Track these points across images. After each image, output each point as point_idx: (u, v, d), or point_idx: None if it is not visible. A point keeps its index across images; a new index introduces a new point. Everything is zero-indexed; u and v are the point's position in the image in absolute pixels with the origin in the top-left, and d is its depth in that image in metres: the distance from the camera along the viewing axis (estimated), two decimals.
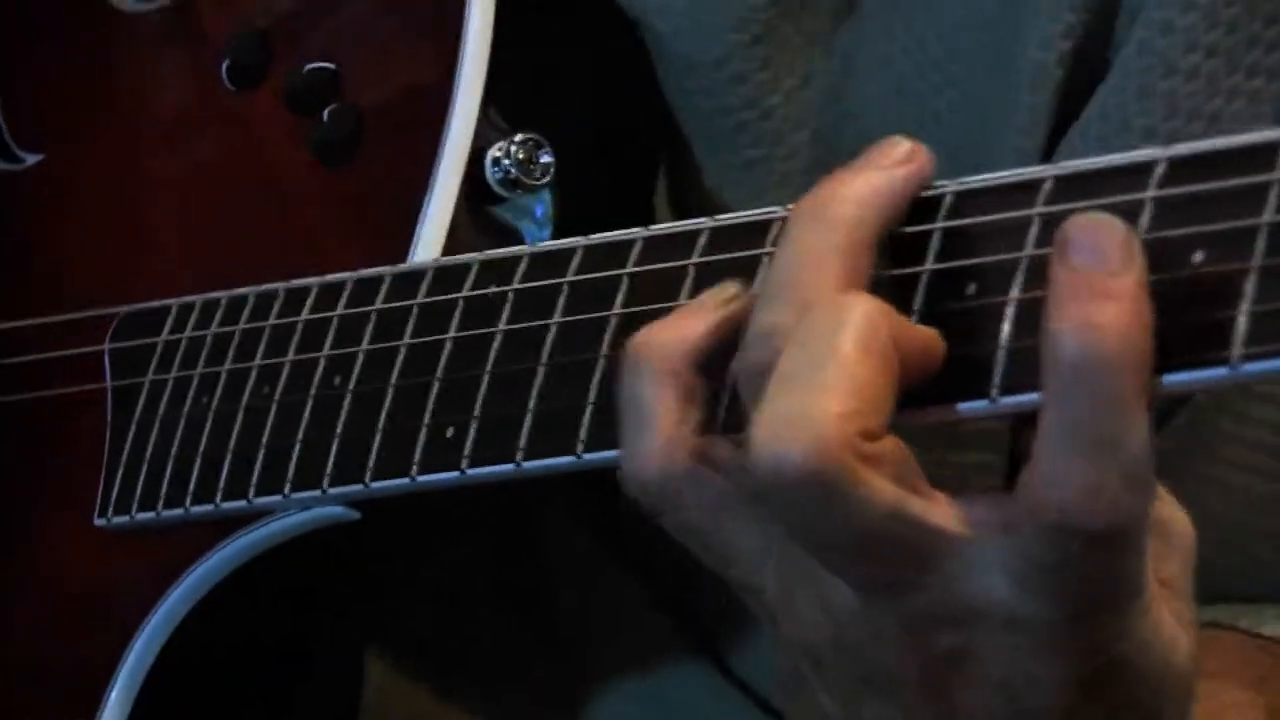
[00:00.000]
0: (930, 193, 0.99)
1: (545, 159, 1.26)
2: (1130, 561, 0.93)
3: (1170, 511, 0.98)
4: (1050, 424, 0.90)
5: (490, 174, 1.26)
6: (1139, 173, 0.92)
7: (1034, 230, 0.94)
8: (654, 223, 1.28)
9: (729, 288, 1.02)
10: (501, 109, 1.27)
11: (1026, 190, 0.96)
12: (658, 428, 1.00)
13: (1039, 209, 0.95)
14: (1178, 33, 1.17)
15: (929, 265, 0.97)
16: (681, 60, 1.29)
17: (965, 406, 0.96)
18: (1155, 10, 1.17)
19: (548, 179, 1.26)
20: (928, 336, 0.96)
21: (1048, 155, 1.23)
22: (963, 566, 0.94)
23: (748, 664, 1.39)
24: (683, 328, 1.01)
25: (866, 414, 0.92)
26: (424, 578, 1.39)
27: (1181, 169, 0.91)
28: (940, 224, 0.98)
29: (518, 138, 1.26)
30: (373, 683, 1.42)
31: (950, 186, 0.98)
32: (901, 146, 0.98)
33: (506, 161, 1.26)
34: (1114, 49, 1.21)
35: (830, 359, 0.93)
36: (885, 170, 0.98)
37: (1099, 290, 0.88)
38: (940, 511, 0.94)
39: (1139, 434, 0.89)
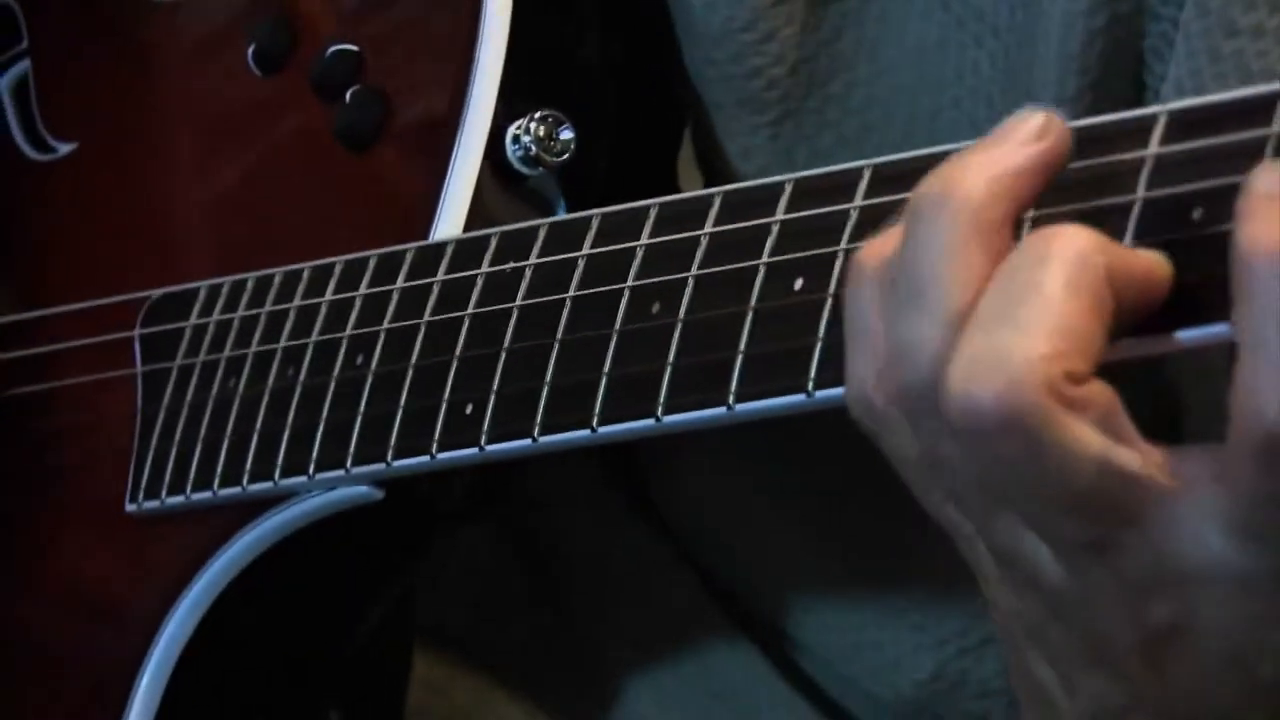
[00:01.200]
0: (1139, 114, 0.93)
1: (565, 135, 1.24)
2: None
3: None
4: (1250, 335, 0.85)
5: (511, 151, 1.24)
6: None
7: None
8: (676, 192, 1.28)
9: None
10: (521, 87, 1.25)
11: (1258, 111, 0.89)
12: (876, 344, 0.94)
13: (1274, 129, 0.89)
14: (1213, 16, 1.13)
15: (1141, 193, 0.92)
16: (713, 29, 1.27)
17: (1186, 334, 0.90)
18: None
19: (568, 155, 1.24)
20: (1150, 263, 0.90)
21: (1083, 107, 1.19)
22: (1174, 523, 0.89)
23: (808, 637, 1.37)
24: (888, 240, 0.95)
25: (1071, 355, 0.87)
26: (454, 570, 1.38)
27: None
28: (1154, 150, 0.92)
29: (537, 114, 1.24)
30: (417, 676, 1.42)
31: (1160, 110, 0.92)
32: (1034, 121, 0.92)
33: (526, 139, 1.24)
34: (1152, 6, 1.17)
35: (1033, 295, 0.88)
36: (1016, 148, 0.92)
37: None
38: (1150, 462, 0.88)
39: None
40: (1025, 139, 0.92)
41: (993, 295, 0.89)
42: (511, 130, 1.24)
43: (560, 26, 1.27)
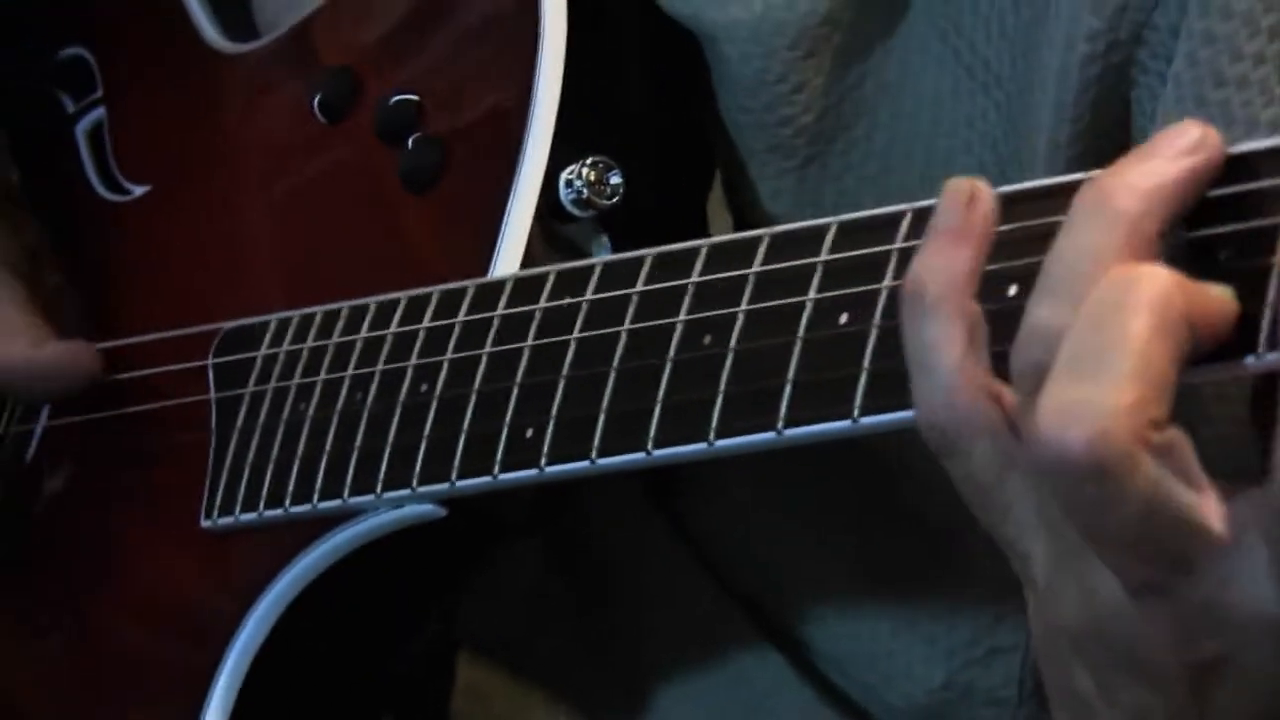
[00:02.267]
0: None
1: (614, 180, 1.25)
2: None
3: None
4: None
5: (564, 195, 1.25)
6: None
7: None
8: (708, 232, 1.28)
9: (981, 202, 0.96)
10: (572, 134, 1.25)
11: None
12: (944, 361, 0.94)
13: None
14: (1220, 41, 1.13)
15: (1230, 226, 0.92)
16: (747, 80, 1.27)
17: (1250, 361, 0.90)
18: (1197, 21, 1.14)
19: (617, 198, 1.25)
20: (1221, 300, 0.89)
21: (1081, 155, 1.20)
22: (1229, 575, 0.89)
23: (827, 646, 1.38)
24: (954, 258, 0.95)
25: (1153, 401, 0.87)
26: (496, 579, 1.37)
27: None
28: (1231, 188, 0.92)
29: (589, 160, 1.25)
30: (459, 684, 1.42)
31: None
32: (1190, 134, 0.91)
33: (578, 183, 1.25)
34: (1141, 59, 1.18)
35: (1122, 343, 0.87)
36: (1172, 160, 0.91)
37: None
38: (1206, 509, 0.88)
39: None
40: (1181, 151, 0.91)
41: (1084, 336, 0.89)
42: (564, 175, 1.25)
43: (609, 78, 1.28)
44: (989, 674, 1.33)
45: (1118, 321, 0.87)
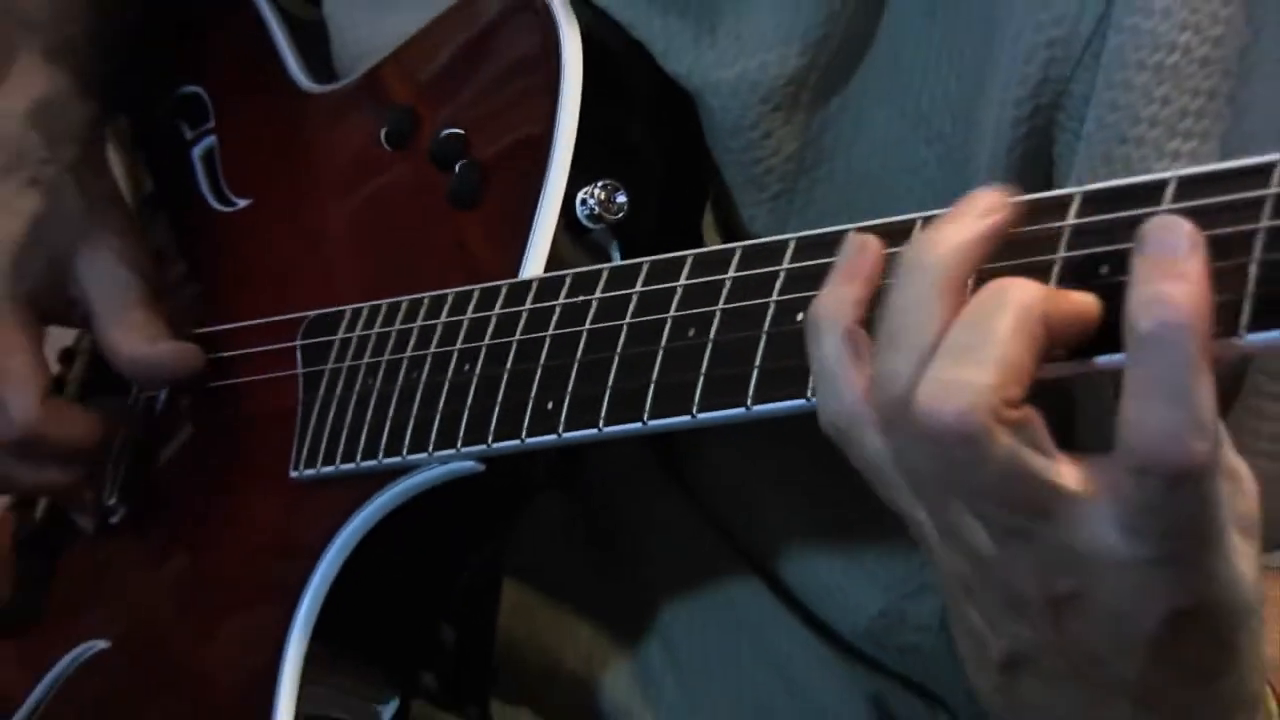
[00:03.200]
0: (1059, 193, 0.95)
1: (621, 199, 1.25)
2: (1208, 506, 0.88)
3: (1236, 461, 0.93)
4: (1131, 380, 0.86)
5: (579, 211, 1.25)
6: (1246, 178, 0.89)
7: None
8: (702, 245, 1.27)
9: (859, 239, 0.98)
10: (587, 162, 1.25)
11: (1151, 192, 0.92)
12: (845, 376, 0.95)
13: (1165, 207, 0.91)
14: (1122, 108, 1.13)
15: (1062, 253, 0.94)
16: (726, 126, 1.26)
17: (1103, 360, 0.91)
18: (1104, 91, 1.14)
19: (623, 214, 1.24)
20: (1082, 303, 0.91)
21: None
22: (1077, 521, 0.90)
23: (794, 578, 1.37)
24: (844, 292, 0.96)
25: (1011, 385, 0.88)
26: (534, 522, 1.37)
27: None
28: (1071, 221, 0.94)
29: (600, 182, 1.24)
30: (505, 604, 1.41)
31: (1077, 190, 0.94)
32: (987, 199, 0.94)
33: (591, 201, 1.24)
34: (1060, 121, 1.17)
35: (988, 337, 0.89)
36: (975, 220, 0.93)
37: (1170, 272, 0.86)
38: (1061, 471, 0.90)
39: (1205, 387, 0.85)
40: (980, 213, 0.93)
41: (959, 332, 0.90)
42: (580, 195, 1.24)
43: (618, 117, 1.27)
44: (919, 606, 1.33)
45: (986, 321, 0.89)
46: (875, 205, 1.23)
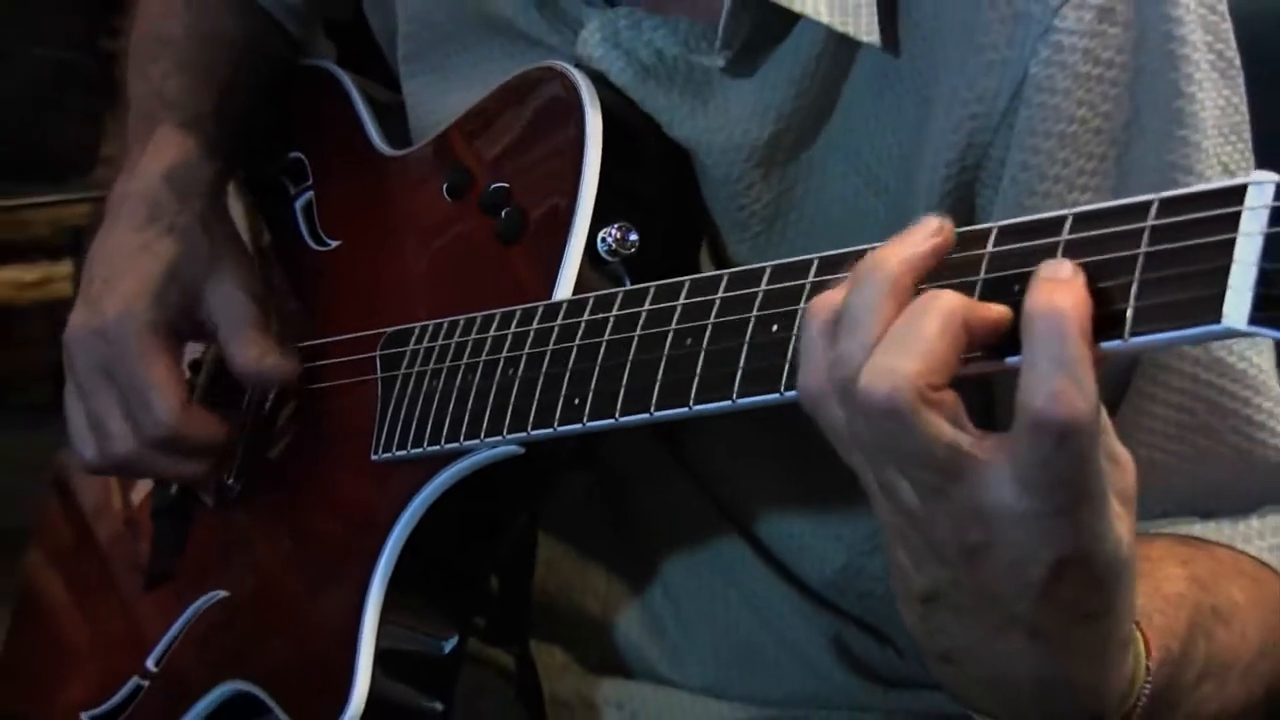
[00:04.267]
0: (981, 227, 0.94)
1: (633, 237, 1.24)
2: (1088, 464, 0.88)
3: (1119, 448, 0.93)
4: (1026, 356, 0.87)
5: (600, 246, 1.23)
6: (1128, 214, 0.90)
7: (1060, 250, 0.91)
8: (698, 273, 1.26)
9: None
10: (606, 206, 1.24)
11: (1053, 226, 0.92)
12: (816, 358, 0.94)
13: (1063, 236, 0.91)
14: (1032, 169, 1.14)
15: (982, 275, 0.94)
16: (717, 178, 1.25)
17: (1011, 359, 0.90)
18: (1017, 154, 1.14)
19: (634, 250, 1.23)
20: (998, 313, 0.91)
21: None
22: (983, 481, 0.89)
23: (772, 537, 1.36)
24: (830, 297, 0.95)
25: (935, 372, 0.88)
26: (564, 491, 1.37)
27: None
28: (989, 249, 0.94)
29: (616, 224, 1.23)
30: (539, 556, 1.40)
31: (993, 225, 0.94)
32: (932, 224, 0.93)
33: (610, 239, 1.23)
34: (981, 178, 1.17)
35: (918, 333, 0.89)
36: (922, 241, 0.93)
37: (1054, 279, 0.87)
38: (971, 441, 0.89)
39: (1084, 360, 0.86)
40: (926, 235, 0.93)
41: (896, 328, 0.90)
42: (600, 234, 1.23)
43: (631, 171, 1.26)
44: (874, 561, 1.32)
45: (919, 320, 0.89)
46: (836, 244, 1.21)
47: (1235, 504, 1.17)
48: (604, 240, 1.23)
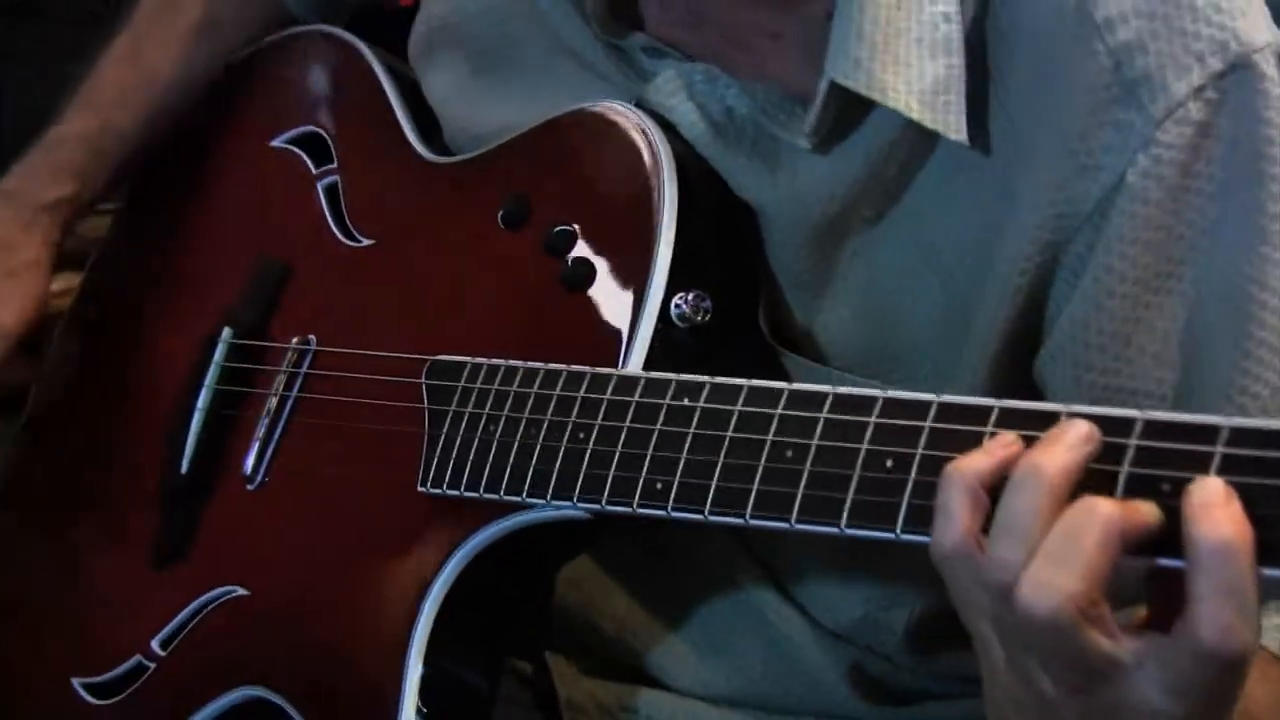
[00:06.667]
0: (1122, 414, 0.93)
1: (706, 304, 1.21)
2: (1242, 677, 0.89)
3: None
4: (1201, 587, 0.86)
5: (674, 312, 1.20)
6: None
7: (1215, 462, 0.89)
8: (758, 333, 1.23)
9: (1009, 435, 0.95)
10: (682, 272, 1.21)
11: (1208, 432, 0.90)
12: (959, 521, 0.93)
13: (1219, 448, 0.90)
14: (1114, 273, 1.15)
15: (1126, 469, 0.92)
16: (779, 240, 1.24)
17: (1163, 561, 0.90)
18: (1103, 257, 1.14)
19: (709, 317, 1.20)
20: (1149, 517, 0.90)
21: (1006, 329, 1.19)
22: (1132, 684, 0.90)
23: (795, 584, 1.36)
24: (979, 460, 0.94)
25: (1094, 589, 0.88)
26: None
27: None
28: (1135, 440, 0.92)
29: (691, 292, 1.20)
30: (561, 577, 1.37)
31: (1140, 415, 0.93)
32: (1082, 429, 0.92)
33: (684, 306, 1.20)
34: (1062, 263, 1.16)
35: (1079, 550, 0.88)
36: (1074, 449, 0.91)
37: (1218, 511, 0.86)
38: (1126, 651, 0.89)
39: (1253, 594, 0.86)
40: (1080, 442, 0.91)
41: (1056, 541, 0.89)
42: (674, 300, 1.20)
43: (704, 232, 1.22)
44: (888, 615, 1.33)
45: (1078, 534, 0.88)
46: (887, 313, 1.23)
47: None
48: (678, 305, 1.20)
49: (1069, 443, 0.91)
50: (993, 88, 1.16)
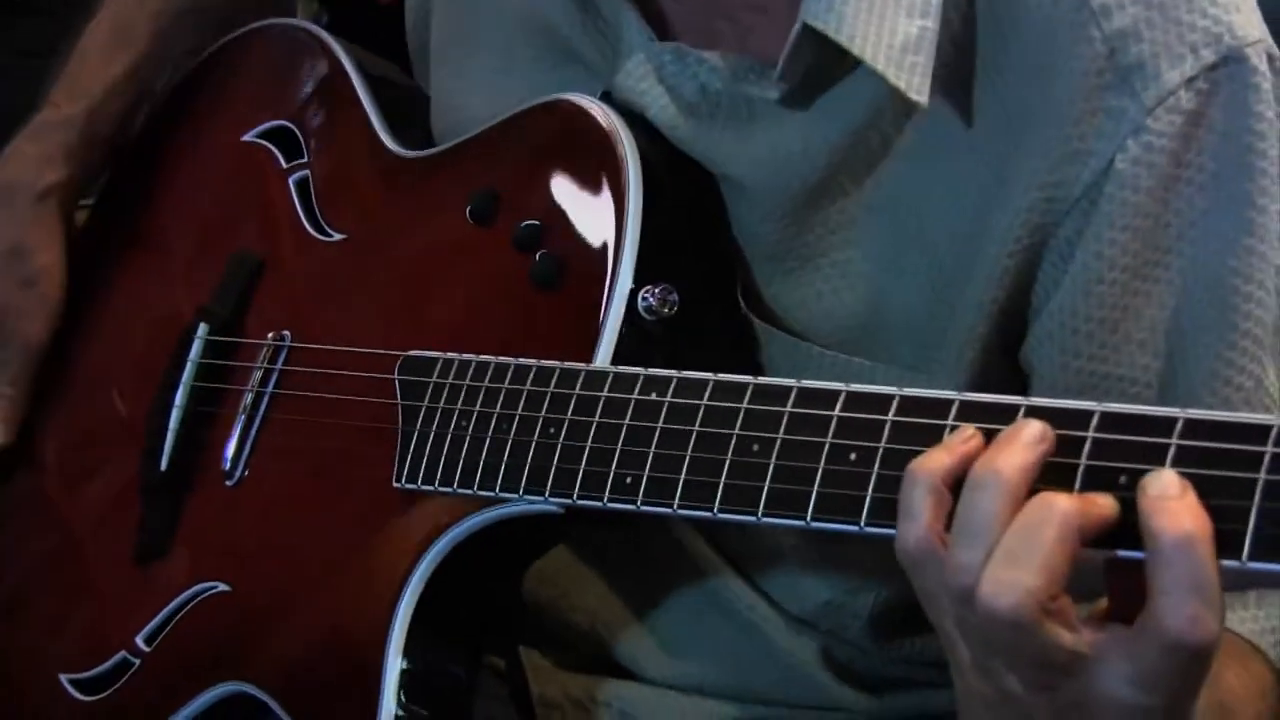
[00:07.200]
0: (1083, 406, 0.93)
1: (674, 298, 1.21)
2: (1208, 666, 0.90)
3: None
4: (1161, 579, 0.87)
5: (640, 305, 1.21)
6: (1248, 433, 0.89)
7: (1170, 453, 0.90)
8: (740, 315, 1.24)
9: (968, 429, 0.96)
10: (647, 266, 1.21)
11: (1163, 424, 0.91)
12: (922, 520, 0.94)
13: (1174, 440, 0.90)
14: (1104, 259, 1.16)
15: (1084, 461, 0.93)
16: (757, 214, 1.24)
17: (1122, 553, 0.91)
18: (1092, 244, 1.15)
19: (674, 311, 1.20)
20: (1107, 510, 0.90)
21: (996, 302, 1.20)
22: (1097, 676, 0.90)
23: (759, 570, 1.36)
24: (940, 458, 0.94)
25: (1054, 584, 0.89)
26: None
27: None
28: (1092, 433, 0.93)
29: (658, 285, 1.21)
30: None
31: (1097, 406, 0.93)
32: (1034, 428, 0.92)
33: (650, 299, 1.21)
34: (1050, 246, 1.17)
35: (1038, 546, 0.88)
36: (1030, 448, 0.92)
37: (1174, 504, 0.87)
38: (1088, 643, 0.90)
39: (1216, 584, 0.87)
40: (1035, 440, 0.92)
41: (1014, 538, 0.90)
42: (641, 293, 1.20)
43: (669, 221, 1.23)
44: (853, 600, 1.33)
45: (1036, 530, 0.89)
46: (870, 293, 1.23)
47: None
48: (644, 299, 1.20)
49: (1025, 441, 0.92)
50: (983, 70, 1.16)
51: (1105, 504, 0.91)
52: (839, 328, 1.24)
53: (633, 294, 1.19)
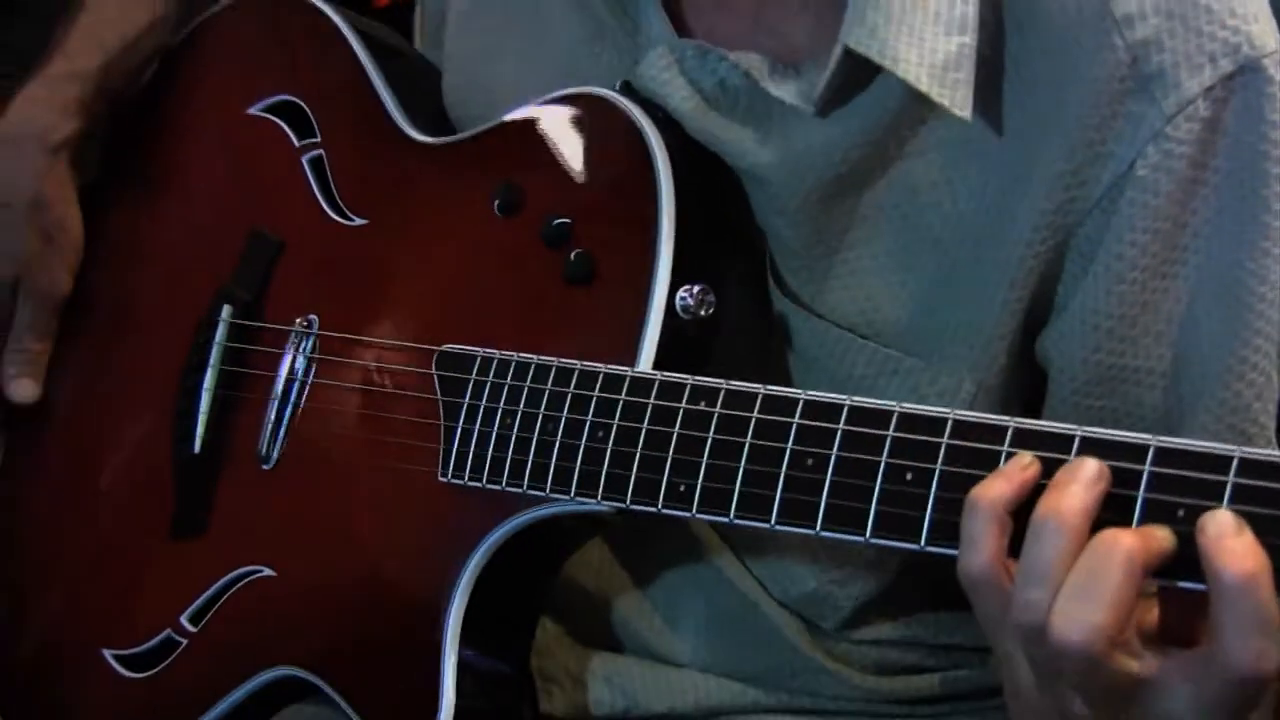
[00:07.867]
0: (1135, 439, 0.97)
1: (710, 298, 1.23)
2: (1268, 692, 0.94)
3: None
4: (1227, 616, 0.91)
5: (679, 305, 1.22)
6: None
7: (1228, 491, 0.94)
8: (769, 304, 1.26)
9: (1025, 457, 0.99)
10: (684, 267, 1.22)
11: (1220, 463, 0.94)
12: (985, 549, 0.98)
13: (1230, 478, 0.94)
14: (1125, 260, 1.18)
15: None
16: (776, 206, 1.25)
17: (1183, 583, 0.95)
18: (1114, 245, 1.18)
19: (712, 310, 1.22)
20: (1165, 544, 0.94)
21: (1022, 299, 1.22)
22: (1161, 699, 0.94)
23: (752, 552, 1.39)
24: (1000, 487, 0.98)
25: (1122, 620, 0.93)
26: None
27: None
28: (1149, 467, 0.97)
29: (697, 285, 1.22)
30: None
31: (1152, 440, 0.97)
32: (1092, 468, 0.96)
33: (689, 299, 1.22)
34: (1072, 246, 1.20)
35: (1105, 586, 0.92)
36: (1090, 488, 0.96)
37: (1233, 543, 0.90)
38: (1149, 667, 0.94)
39: (1276, 615, 0.90)
40: (1094, 480, 0.96)
41: (1081, 576, 0.94)
42: (679, 294, 1.22)
43: (702, 218, 1.24)
44: (840, 589, 1.36)
45: (1103, 569, 0.93)
46: (883, 289, 1.25)
47: None
48: (683, 299, 1.22)
49: (1083, 481, 0.96)
50: (1006, 76, 1.19)
51: (1164, 537, 0.95)
52: (865, 322, 1.27)
53: (671, 293, 1.21)
